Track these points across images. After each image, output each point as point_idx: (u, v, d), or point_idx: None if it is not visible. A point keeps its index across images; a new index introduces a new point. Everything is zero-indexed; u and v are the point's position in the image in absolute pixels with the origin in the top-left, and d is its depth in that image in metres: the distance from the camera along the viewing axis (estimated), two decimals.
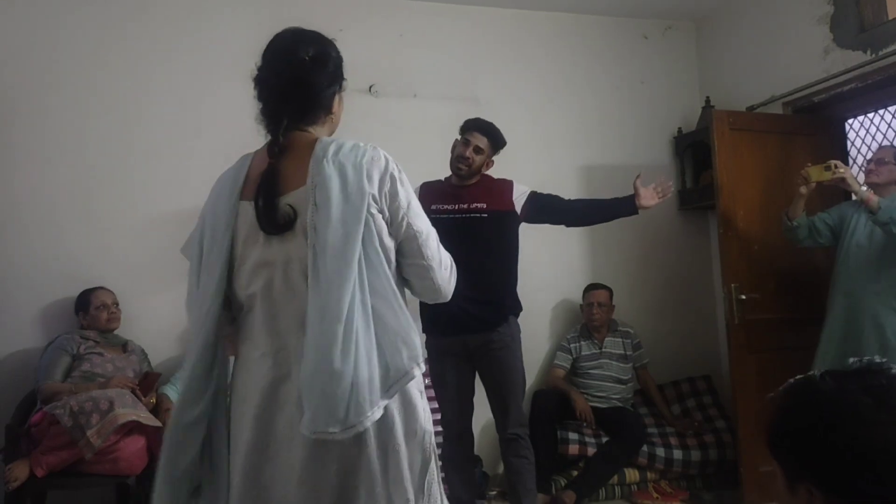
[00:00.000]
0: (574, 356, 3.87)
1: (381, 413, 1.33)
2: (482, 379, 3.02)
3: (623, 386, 3.83)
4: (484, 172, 3.04)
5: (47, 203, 3.35)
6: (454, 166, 2.99)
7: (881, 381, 0.95)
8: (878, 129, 3.68)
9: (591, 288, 3.93)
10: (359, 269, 1.34)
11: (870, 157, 3.28)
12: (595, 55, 4.33)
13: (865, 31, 3.41)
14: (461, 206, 2.95)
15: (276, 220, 1.38)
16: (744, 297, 3.44)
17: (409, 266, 1.49)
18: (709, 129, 3.63)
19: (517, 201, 2.99)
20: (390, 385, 1.35)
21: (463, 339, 2.93)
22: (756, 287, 3.49)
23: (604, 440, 3.66)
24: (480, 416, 3.19)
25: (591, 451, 3.61)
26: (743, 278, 3.49)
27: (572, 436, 3.65)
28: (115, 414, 2.66)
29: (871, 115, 3.70)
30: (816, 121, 3.77)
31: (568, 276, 4.10)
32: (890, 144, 3.37)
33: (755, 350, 3.46)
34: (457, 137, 3.04)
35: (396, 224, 1.44)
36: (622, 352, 3.87)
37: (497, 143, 3.01)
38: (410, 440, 1.42)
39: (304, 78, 1.46)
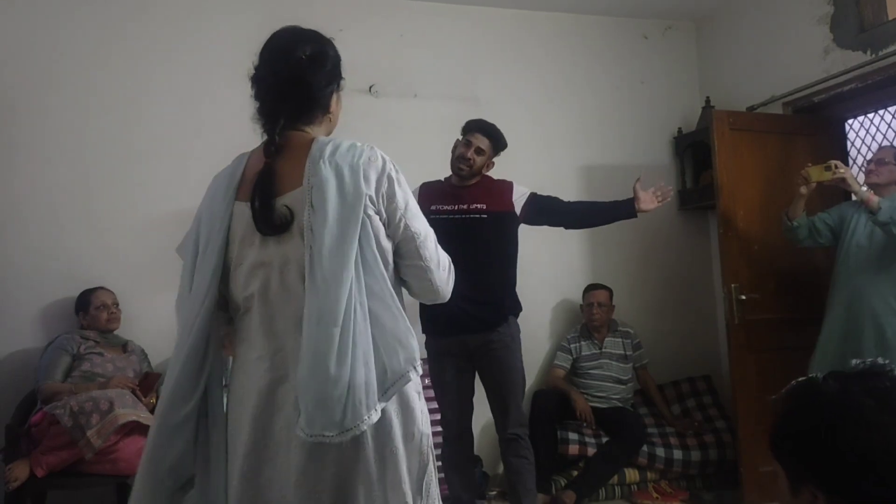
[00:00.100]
0: (574, 356, 3.87)
1: (378, 416, 1.32)
2: (482, 379, 3.02)
3: (623, 386, 3.83)
4: (484, 173, 3.04)
5: (47, 203, 3.35)
6: (455, 167, 2.99)
7: (884, 383, 0.96)
8: (878, 129, 3.68)
9: (591, 288, 3.93)
10: (356, 270, 1.34)
11: (870, 157, 3.29)
12: (595, 55, 4.32)
13: (865, 31, 3.41)
14: (461, 206, 2.95)
15: (272, 221, 1.37)
16: (744, 297, 3.44)
17: (407, 267, 1.49)
18: (709, 129, 3.63)
19: (517, 202, 2.99)
20: (387, 388, 1.35)
21: (463, 339, 2.93)
22: (756, 287, 3.49)
23: (604, 440, 3.66)
24: (480, 416, 3.19)
25: (591, 452, 3.60)
26: (743, 278, 3.49)
27: (572, 436, 3.65)
28: (116, 414, 2.66)
29: (871, 116, 3.70)
30: (816, 121, 3.77)
31: (568, 276, 4.10)
32: (890, 144, 3.38)
33: (755, 350, 3.46)
34: (458, 138, 3.04)
35: (394, 225, 1.44)
36: (622, 352, 3.87)
37: (498, 145, 3.02)
38: (408, 443, 1.42)
39: (301, 77, 1.45)
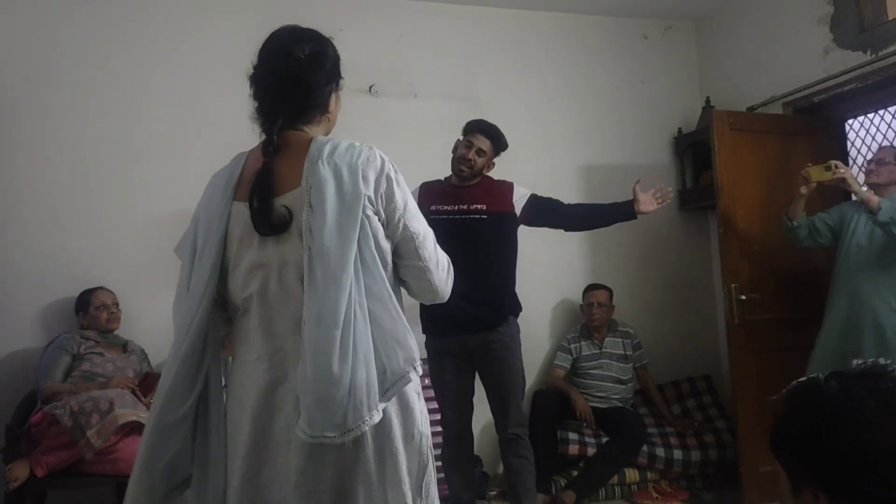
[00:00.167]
0: (574, 356, 3.86)
1: (380, 417, 1.32)
2: (482, 379, 3.02)
3: (623, 386, 3.83)
4: (485, 174, 3.04)
5: (47, 203, 3.35)
6: (456, 167, 2.99)
7: (886, 383, 0.95)
8: (878, 129, 3.68)
9: (591, 288, 3.93)
10: (355, 271, 1.33)
11: (870, 157, 3.29)
12: (595, 55, 4.32)
13: (865, 32, 3.41)
14: (461, 206, 2.95)
15: (271, 222, 1.37)
16: (744, 297, 3.44)
17: (406, 267, 1.49)
18: (709, 130, 3.63)
19: (517, 203, 2.99)
20: (387, 388, 1.35)
21: (463, 339, 2.93)
22: (756, 287, 3.49)
23: (604, 440, 3.66)
24: (480, 416, 3.20)
25: (591, 452, 3.60)
26: (743, 278, 3.49)
27: (572, 436, 3.65)
28: (116, 414, 2.66)
29: (871, 116, 3.70)
30: (816, 121, 3.77)
31: (568, 276, 4.10)
32: (890, 145, 3.38)
33: (755, 350, 3.46)
34: (459, 138, 3.04)
35: (393, 226, 1.43)
36: (622, 352, 3.87)
37: (499, 146, 3.02)
38: (408, 444, 1.42)
39: (300, 76, 1.44)
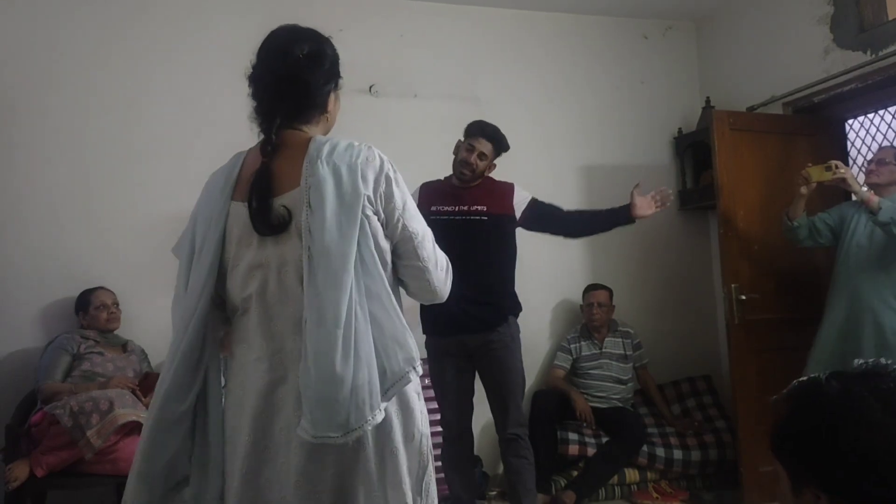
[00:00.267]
0: (574, 356, 3.86)
1: (382, 416, 1.32)
2: (482, 379, 3.02)
3: (623, 386, 3.83)
4: (486, 175, 3.03)
5: (47, 203, 3.35)
6: (457, 171, 2.99)
7: (887, 384, 0.95)
8: (878, 129, 3.68)
9: (591, 288, 3.93)
10: (355, 271, 1.33)
11: (870, 157, 3.29)
12: (595, 55, 4.32)
13: (865, 32, 3.41)
14: (461, 207, 2.95)
15: (269, 222, 1.37)
16: (744, 298, 3.44)
17: (405, 267, 1.49)
18: (709, 130, 3.63)
19: (517, 206, 2.99)
20: (388, 388, 1.35)
21: (462, 339, 2.93)
22: (756, 287, 3.49)
23: (604, 440, 3.66)
24: (480, 416, 3.19)
25: (591, 452, 3.60)
26: (743, 278, 3.49)
27: (572, 436, 3.65)
28: (115, 414, 2.66)
29: (871, 116, 3.70)
30: (816, 121, 3.77)
31: (568, 276, 4.10)
32: (890, 145, 3.38)
33: (755, 350, 3.46)
34: (460, 139, 3.03)
35: (392, 226, 1.43)
36: (622, 352, 3.87)
37: (501, 149, 3.01)
38: (408, 444, 1.42)
39: (299, 76, 1.44)
